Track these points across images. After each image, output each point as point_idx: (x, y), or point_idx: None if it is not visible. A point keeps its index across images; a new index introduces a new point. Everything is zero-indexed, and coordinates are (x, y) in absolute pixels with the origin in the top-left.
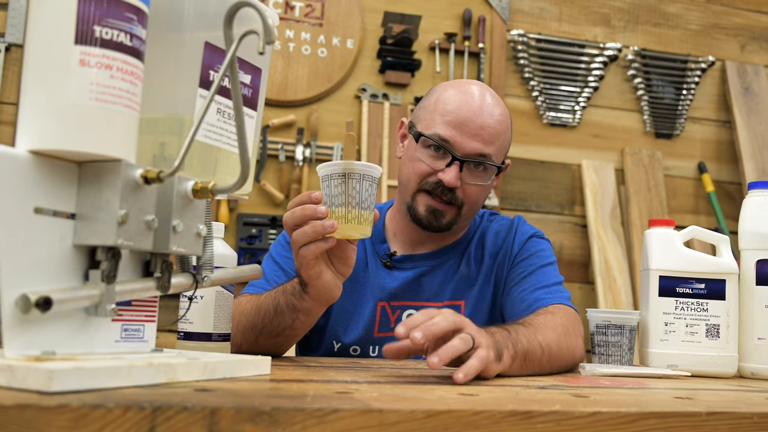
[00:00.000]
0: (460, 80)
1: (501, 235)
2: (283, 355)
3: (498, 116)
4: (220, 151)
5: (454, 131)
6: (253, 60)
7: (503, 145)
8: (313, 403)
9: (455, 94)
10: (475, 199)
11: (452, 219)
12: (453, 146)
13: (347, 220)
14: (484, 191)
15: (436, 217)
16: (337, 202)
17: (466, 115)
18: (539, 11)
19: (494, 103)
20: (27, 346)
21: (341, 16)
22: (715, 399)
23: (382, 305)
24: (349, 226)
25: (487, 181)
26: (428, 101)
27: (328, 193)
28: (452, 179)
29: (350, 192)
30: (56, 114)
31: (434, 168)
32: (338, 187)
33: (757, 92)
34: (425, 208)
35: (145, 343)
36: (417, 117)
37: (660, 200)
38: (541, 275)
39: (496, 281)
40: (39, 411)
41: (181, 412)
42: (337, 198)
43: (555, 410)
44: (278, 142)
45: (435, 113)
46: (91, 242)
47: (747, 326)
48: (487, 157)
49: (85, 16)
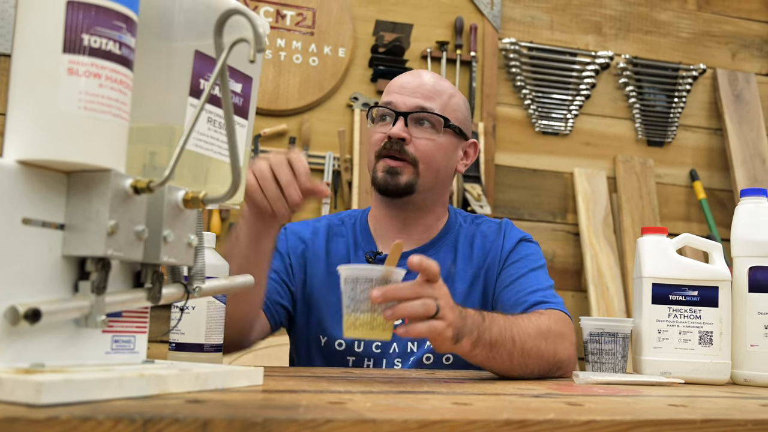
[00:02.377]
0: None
1: (490, 239)
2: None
3: (437, 80)
4: (211, 160)
5: (394, 95)
6: (243, 68)
7: (448, 104)
8: (306, 414)
9: (399, 76)
10: (430, 156)
11: (410, 178)
12: (395, 105)
13: (372, 327)
14: (439, 150)
15: (392, 176)
16: (362, 308)
17: (404, 80)
18: (531, 19)
19: (436, 75)
20: (16, 359)
21: (332, 24)
22: (710, 406)
23: None
24: (374, 332)
25: (438, 137)
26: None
27: (351, 296)
28: (397, 130)
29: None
30: (45, 123)
31: (385, 132)
32: (365, 292)
33: (748, 100)
34: (382, 169)
35: (136, 354)
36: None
37: (652, 208)
38: (533, 279)
39: (485, 285)
40: (28, 424)
41: (172, 424)
42: (363, 304)
43: (550, 419)
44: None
45: (383, 94)
46: (81, 253)
47: (740, 333)
48: (428, 110)
49: (74, 25)
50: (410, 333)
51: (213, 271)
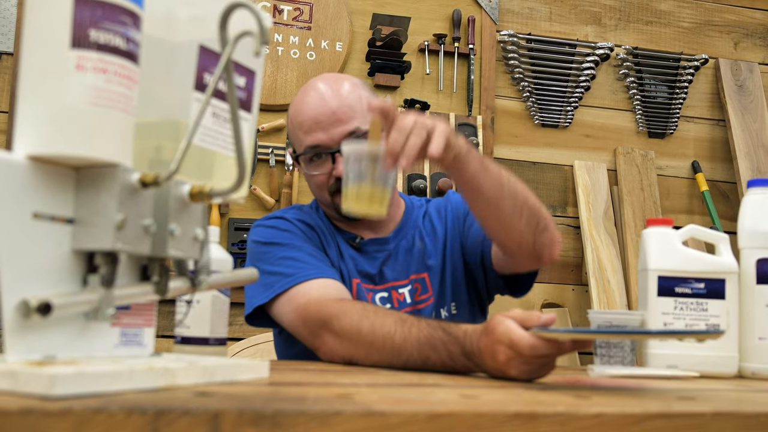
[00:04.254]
0: (302, 88)
1: (442, 210)
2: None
3: (340, 91)
4: (216, 155)
5: (317, 133)
6: (246, 62)
7: (363, 109)
8: (315, 406)
9: (299, 103)
10: None
11: None
12: (325, 145)
13: (371, 200)
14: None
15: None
16: (366, 180)
17: (314, 113)
18: (529, 11)
19: (332, 83)
20: (28, 351)
21: (329, 19)
22: (719, 399)
23: (357, 282)
24: (372, 207)
25: None
26: (288, 124)
27: (355, 170)
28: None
29: (362, 170)
30: (53, 119)
31: (326, 172)
32: (366, 166)
33: (751, 90)
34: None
35: (143, 347)
36: (290, 142)
37: (653, 200)
38: None
39: (462, 251)
40: (42, 416)
41: (183, 416)
42: (366, 177)
43: (559, 412)
44: (268, 147)
45: (296, 131)
46: (90, 247)
47: (747, 326)
48: (357, 130)
49: (81, 21)
50: (439, 149)
51: (218, 265)
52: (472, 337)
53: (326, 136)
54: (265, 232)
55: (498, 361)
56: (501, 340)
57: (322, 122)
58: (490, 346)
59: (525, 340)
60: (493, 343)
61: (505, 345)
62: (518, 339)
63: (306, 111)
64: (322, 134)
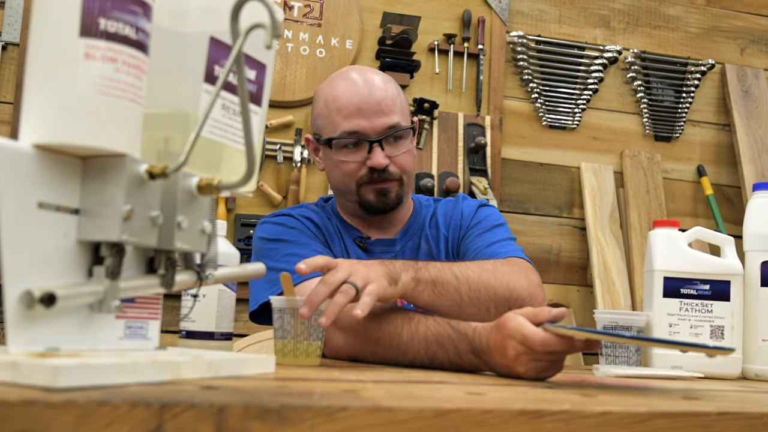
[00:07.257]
0: (334, 75)
1: (449, 213)
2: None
3: (384, 83)
4: (224, 147)
5: (358, 119)
6: (257, 55)
7: (403, 106)
8: (321, 401)
9: (339, 88)
10: (409, 166)
11: (398, 191)
12: (364, 133)
13: (296, 354)
14: (411, 155)
15: (385, 195)
16: (288, 335)
17: (358, 100)
18: (539, 13)
19: (374, 75)
20: (31, 342)
21: (340, 16)
22: (723, 399)
23: None
24: (298, 359)
25: (409, 145)
26: (318, 108)
27: (278, 325)
28: (380, 161)
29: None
30: (61, 107)
31: (360, 161)
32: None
33: (757, 95)
34: (374, 194)
35: (148, 340)
36: (318, 127)
37: (659, 203)
38: (492, 234)
39: (455, 254)
40: (45, 407)
41: (188, 410)
42: (289, 332)
43: (565, 409)
44: (276, 143)
45: (332, 114)
46: (96, 238)
47: (751, 328)
48: (397, 125)
49: (91, 9)
50: (365, 311)
51: (224, 259)
52: (481, 333)
53: (368, 124)
54: (271, 229)
55: (507, 357)
56: (512, 335)
57: (364, 110)
58: (500, 342)
59: (537, 335)
60: (503, 339)
61: (516, 340)
62: (530, 334)
63: (348, 97)
64: (364, 121)
